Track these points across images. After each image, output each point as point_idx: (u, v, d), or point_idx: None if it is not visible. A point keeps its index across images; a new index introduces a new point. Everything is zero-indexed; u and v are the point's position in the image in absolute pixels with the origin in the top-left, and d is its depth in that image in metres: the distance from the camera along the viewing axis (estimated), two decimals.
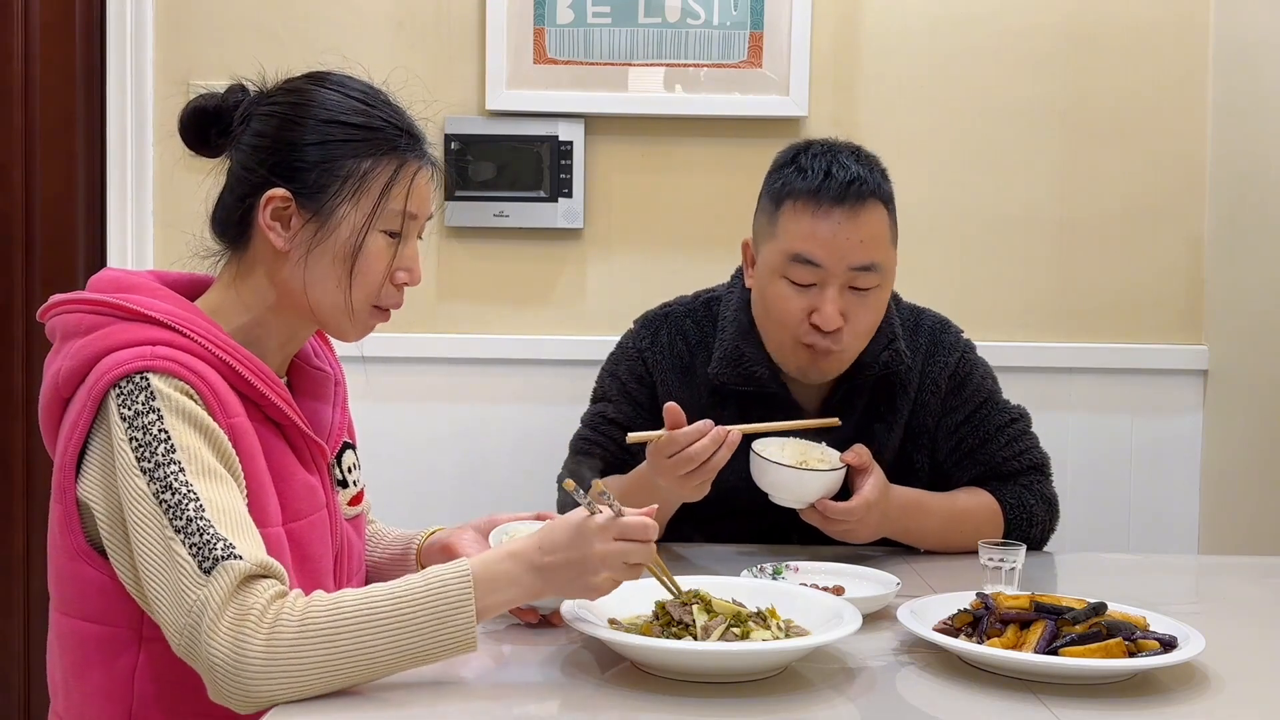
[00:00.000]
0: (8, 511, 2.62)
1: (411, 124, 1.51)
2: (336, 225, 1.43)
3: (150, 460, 1.28)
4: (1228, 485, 2.61)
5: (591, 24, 2.61)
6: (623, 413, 1.97)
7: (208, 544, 1.24)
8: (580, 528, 1.30)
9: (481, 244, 2.64)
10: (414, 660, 1.25)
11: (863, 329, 1.86)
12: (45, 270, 2.62)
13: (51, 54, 2.60)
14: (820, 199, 1.80)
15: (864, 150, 1.90)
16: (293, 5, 2.64)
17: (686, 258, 2.65)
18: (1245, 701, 1.30)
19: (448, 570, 1.27)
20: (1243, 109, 2.57)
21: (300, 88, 1.48)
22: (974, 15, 2.66)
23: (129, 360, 1.32)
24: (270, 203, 1.43)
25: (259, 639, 1.21)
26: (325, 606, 1.24)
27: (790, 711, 1.22)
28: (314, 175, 1.43)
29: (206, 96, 1.49)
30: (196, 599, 1.22)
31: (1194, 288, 2.70)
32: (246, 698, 1.22)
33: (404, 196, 1.46)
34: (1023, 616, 1.37)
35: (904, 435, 1.97)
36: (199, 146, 1.50)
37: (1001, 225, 2.69)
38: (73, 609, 1.39)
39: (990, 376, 2.03)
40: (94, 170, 2.63)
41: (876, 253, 1.82)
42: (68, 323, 1.39)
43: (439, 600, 1.25)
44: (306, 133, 1.44)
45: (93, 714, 1.38)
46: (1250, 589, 1.81)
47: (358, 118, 1.46)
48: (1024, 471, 1.96)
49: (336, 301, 1.45)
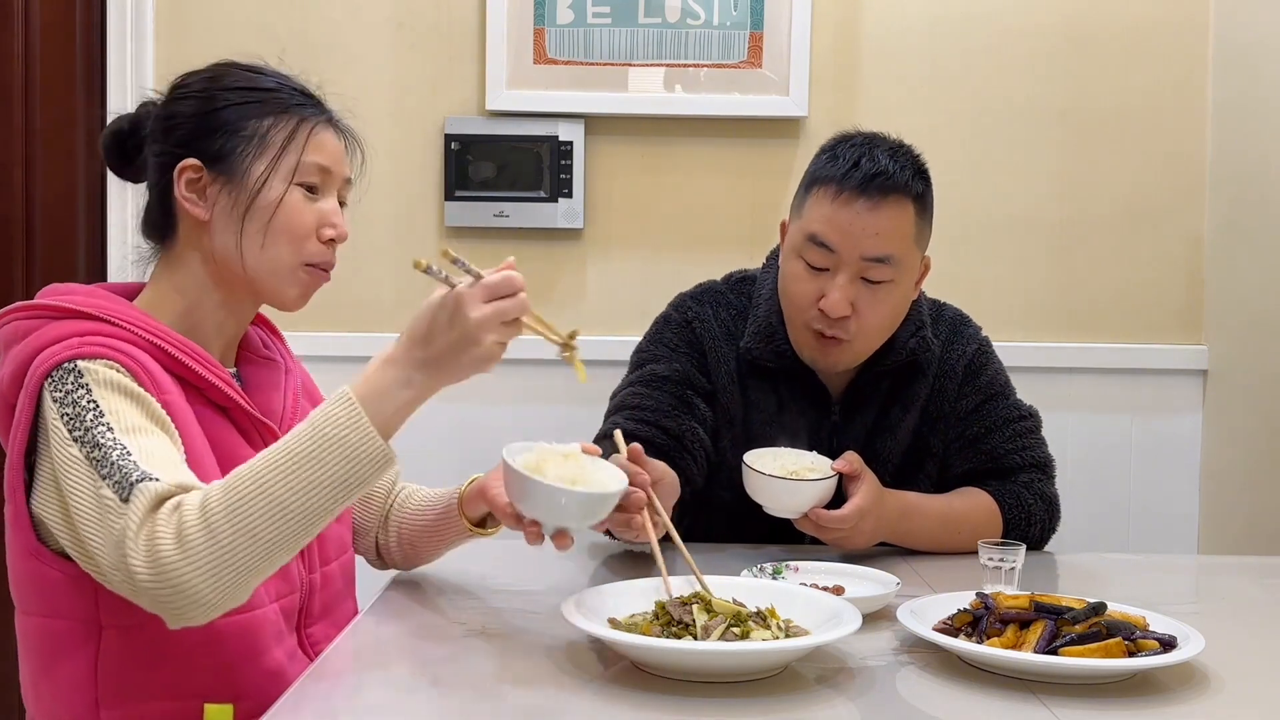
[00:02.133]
0: None
1: (307, 88, 1.55)
2: (249, 183, 1.46)
3: (80, 428, 1.29)
4: (1228, 485, 2.61)
5: (591, 24, 2.61)
6: (674, 369, 1.94)
7: (125, 475, 1.25)
8: (446, 304, 1.28)
9: (481, 244, 2.64)
10: (332, 494, 1.24)
11: (872, 325, 1.86)
12: (45, 270, 2.62)
13: (51, 54, 2.60)
14: (844, 186, 1.82)
15: (907, 148, 1.90)
16: (293, 5, 2.64)
17: (686, 258, 2.65)
18: (1245, 701, 1.30)
19: (329, 402, 1.28)
20: (1243, 109, 2.57)
21: (195, 71, 1.53)
22: (974, 15, 2.66)
23: (59, 352, 1.34)
24: (183, 174, 1.46)
25: (168, 538, 1.21)
26: (222, 484, 1.24)
27: (790, 711, 1.22)
28: (219, 140, 1.46)
29: (122, 118, 1.54)
30: (120, 527, 1.23)
31: (1194, 288, 2.70)
32: (187, 599, 1.21)
33: (301, 148, 1.48)
34: (1023, 616, 1.37)
35: (920, 419, 1.98)
36: (121, 168, 1.55)
37: (1001, 225, 2.69)
38: (31, 608, 1.40)
39: (1004, 374, 2.04)
40: (94, 170, 2.63)
41: (892, 246, 1.82)
42: (7, 333, 1.42)
43: (330, 430, 1.25)
44: (208, 104, 1.48)
45: (63, 709, 1.40)
46: (1250, 589, 1.81)
47: (253, 83, 1.51)
48: (1024, 468, 1.96)
49: (262, 260, 1.47)
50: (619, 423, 1.89)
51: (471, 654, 1.38)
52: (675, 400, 1.91)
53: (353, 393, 1.27)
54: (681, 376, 1.93)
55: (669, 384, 1.92)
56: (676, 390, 1.92)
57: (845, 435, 1.95)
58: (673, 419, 1.89)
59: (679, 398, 1.91)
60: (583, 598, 1.40)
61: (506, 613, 1.55)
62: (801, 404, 1.95)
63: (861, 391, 1.96)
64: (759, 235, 2.60)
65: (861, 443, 1.94)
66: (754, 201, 2.65)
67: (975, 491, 1.94)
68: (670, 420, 1.88)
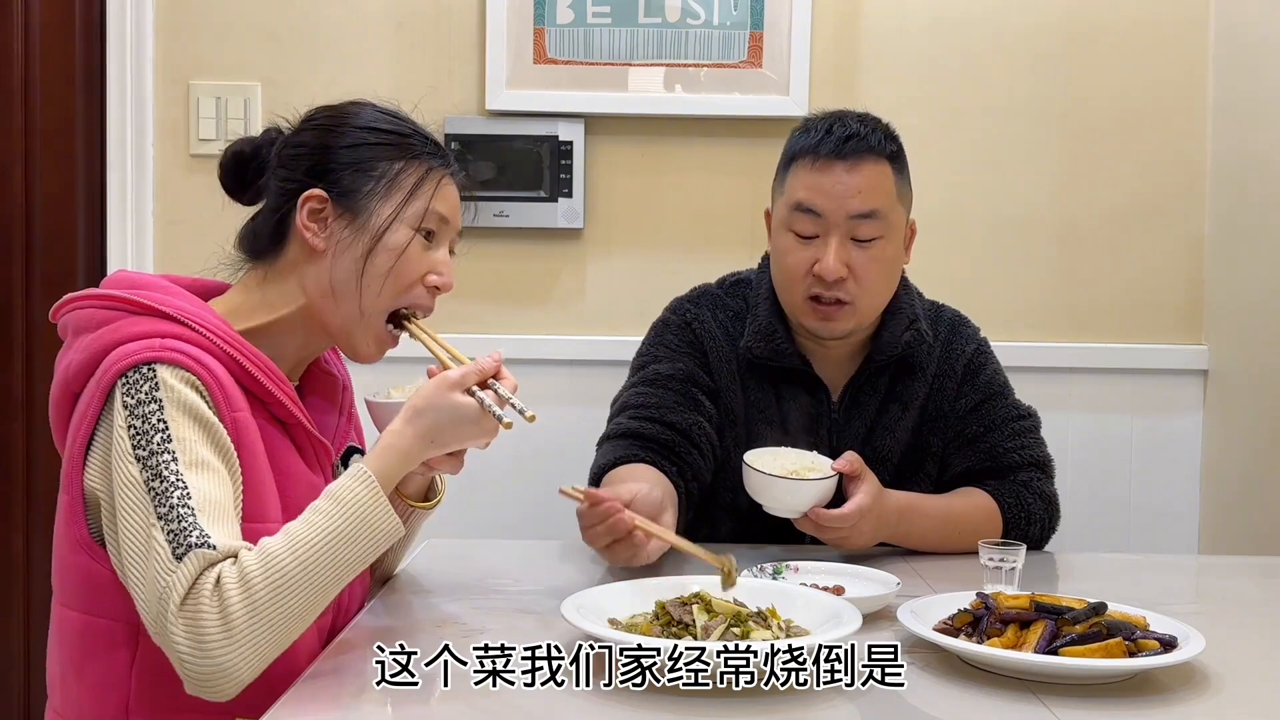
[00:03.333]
0: (8, 511, 2.62)
1: (437, 139, 1.58)
2: (368, 221, 1.48)
3: (145, 448, 1.29)
4: (1228, 485, 2.61)
5: (591, 24, 2.61)
6: (678, 368, 1.96)
7: (184, 531, 1.25)
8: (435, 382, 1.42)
9: (481, 244, 2.64)
10: (357, 568, 1.33)
11: (870, 282, 1.88)
12: (45, 270, 2.62)
13: (51, 54, 2.60)
14: (820, 152, 1.87)
15: (874, 117, 1.95)
16: (293, 5, 2.64)
17: (686, 258, 2.65)
18: (1245, 701, 1.30)
19: (352, 481, 1.34)
20: (1243, 109, 2.57)
21: (336, 105, 1.56)
22: (974, 15, 2.66)
23: (137, 351, 1.33)
24: (307, 203, 1.47)
25: (213, 619, 1.23)
26: (259, 560, 1.26)
27: (790, 711, 1.22)
28: (348, 175, 1.48)
29: (244, 141, 1.56)
30: (165, 585, 1.24)
31: (1194, 288, 2.70)
32: (226, 678, 1.24)
33: (430, 195, 1.52)
34: (1023, 616, 1.36)
35: (919, 418, 1.98)
36: (236, 191, 1.56)
37: (1002, 225, 2.69)
38: (73, 601, 1.40)
39: (1002, 374, 2.05)
40: (94, 170, 2.63)
41: (876, 200, 1.87)
42: (79, 318, 1.41)
43: (357, 511, 1.32)
44: (341, 138, 1.50)
45: (90, 708, 1.39)
46: (1250, 589, 1.81)
47: (390, 125, 1.53)
48: (1024, 466, 1.96)
49: (370, 303, 1.49)
50: (624, 423, 1.90)
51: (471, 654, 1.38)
52: (680, 397, 1.92)
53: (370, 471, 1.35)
54: (686, 374, 1.94)
55: (674, 382, 1.93)
56: (681, 388, 1.93)
57: (845, 434, 1.95)
58: (678, 414, 1.89)
59: (684, 394, 1.92)
60: (583, 598, 1.40)
61: (506, 613, 1.55)
62: (801, 403, 1.95)
63: (861, 390, 1.97)
64: (759, 235, 2.58)
65: (861, 441, 1.94)
66: (754, 201, 2.65)
67: (975, 491, 1.94)
68: (676, 415, 1.89)
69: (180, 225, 2.63)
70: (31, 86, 2.60)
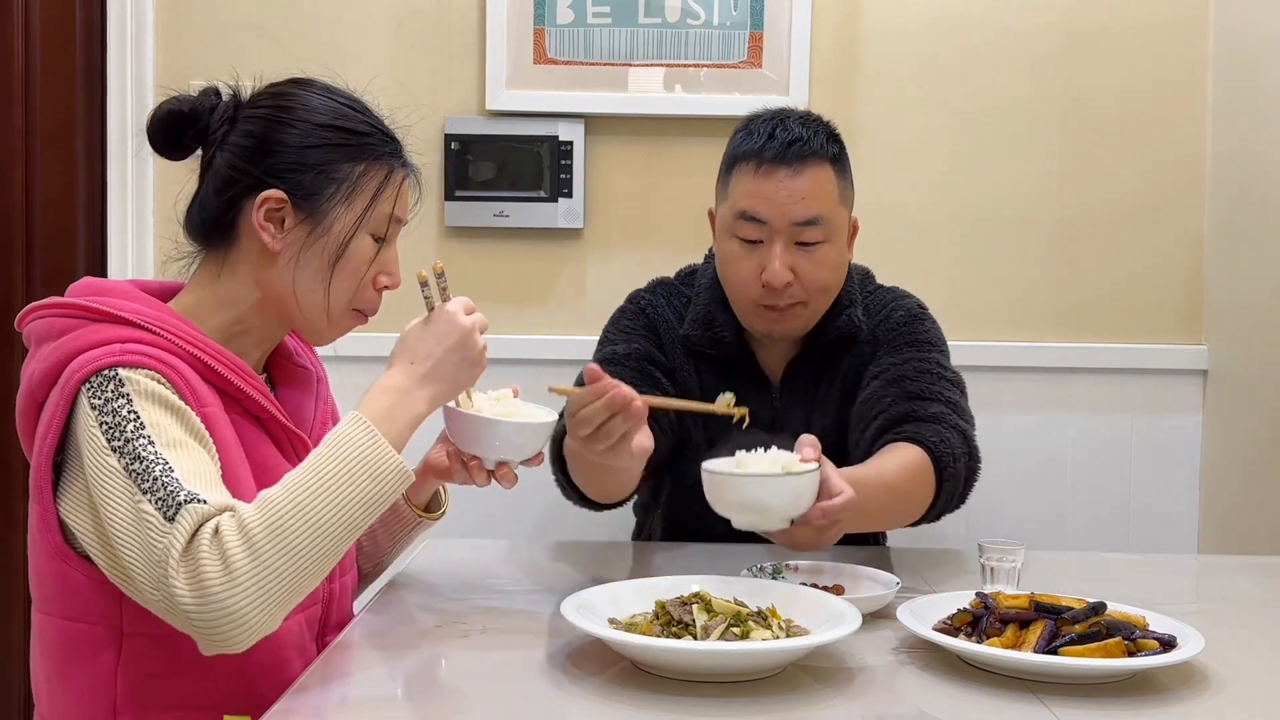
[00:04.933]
0: (8, 511, 2.62)
1: (393, 131, 1.54)
2: (329, 227, 1.46)
3: (120, 439, 1.28)
4: (1228, 485, 2.61)
5: (591, 24, 2.61)
6: (634, 348, 1.98)
7: (172, 494, 1.24)
8: (436, 321, 1.44)
9: (481, 244, 2.64)
10: (362, 511, 1.30)
11: (816, 284, 1.89)
12: (45, 270, 2.62)
13: (51, 54, 2.60)
14: (763, 157, 1.87)
15: (816, 116, 1.95)
16: (293, 5, 2.64)
17: (686, 257, 2.64)
18: (1245, 701, 1.30)
19: (344, 425, 1.33)
20: (1243, 109, 2.57)
21: (289, 91, 1.51)
22: (974, 15, 2.66)
23: (99, 358, 1.33)
24: (265, 204, 1.44)
25: (214, 565, 1.21)
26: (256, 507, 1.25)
27: (790, 711, 1.22)
28: (310, 177, 1.45)
29: (179, 99, 1.51)
30: (163, 546, 1.22)
31: (1194, 287, 2.70)
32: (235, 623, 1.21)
33: (393, 200, 1.51)
34: (1022, 616, 1.37)
35: (847, 388, 1.98)
36: (169, 149, 1.52)
37: (1001, 225, 2.69)
38: (53, 608, 1.39)
39: (936, 339, 1.99)
40: (94, 170, 2.63)
41: (818, 207, 1.86)
42: (40, 328, 1.40)
43: (352, 451, 1.31)
44: (302, 136, 1.46)
45: (77, 713, 1.39)
46: (1250, 589, 1.81)
47: (350, 123, 1.50)
48: (943, 403, 1.86)
49: (318, 302, 1.48)
50: None
51: (471, 654, 1.38)
52: (636, 374, 1.92)
53: (365, 418, 1.34)
54: (641, 353, 1.97)
55: (630, 359, 1.95)
56: (638, 365, 1.95)
57: (787, 418, 1.96)
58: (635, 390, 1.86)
59: (640, 371, 1.94)
60: (583, 598, 1.40)
61: (506, 613, 1.55)
62: (744, 391, 1.90)
63: (798, 374, 2.00)
64: None
65: (803, 425, 1.89)
66: None
67: (899, 446, 1.80)
68: None
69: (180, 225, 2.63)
70: (31, 86, 2.60)
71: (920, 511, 1.80)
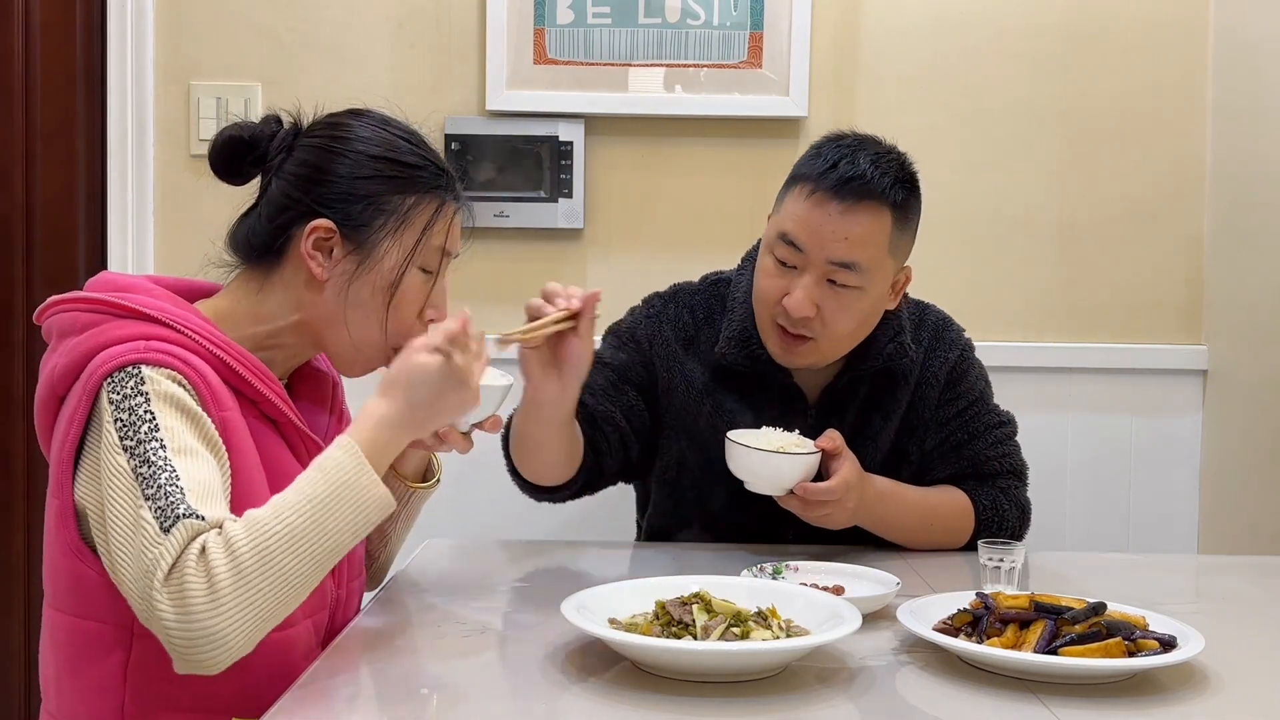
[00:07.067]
0: (8, 511, 2.62)
1: (449, 165, 1.55)
2: (379, 260, 1.47)
3: (133, 438, 1.28)
4: (1227, 485, 2.61)
5: (591, 24, 2.61)
6: (619, 359, 1.96)
7: (172, 505, 1.24)
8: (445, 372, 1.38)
9: (481, 244, 2.64)
10: (346, 537, 1.30)
11: (836, 329, 1.83)
12: (45, 271, 2.62)
13: (51, 54, 2.60)
14: (819, 186, 1.80)
15: (896, 156, 1.85)
16: (293, 5, 2.64)
17: (686, 258, 2.64)
18: (1245, 701, 1.30)
19: (336, 452, 1.32)
20: (1243, 109, 2.57)
21: (344, 122, 1.52)
22: (974, 15, 2.66)
23: (122, 354, 1.33)
24: (314, 233, 1.45)
25: (198, 585, 1.20)
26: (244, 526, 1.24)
27: (790, 711, 1.22)
28: (359, 209, 1.46)
29: (241, 125, 1.52)
30: (152, 557, 1.22)
31: (1194, 288, 2.70)
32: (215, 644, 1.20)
33: (444, 234, 1.51)
34: (1022, 616, 1.37)
35: (900, 426, 1.97)
36: (229, 175, 1.53)
37: (1001, 225, 2.69)
38: (65, 605, 1.39)
39: (985, 379, 2.03)
40: (94, 170, 2.63)
41: (861, 253, 1.79)
42: (63, 321, 1.40)
43: (341, 477, 1.30)
44: (354, 166, 1.47)
45: (85, 711, 1.39)
46: (1250, 589, 1.81)
47: (403, 155, 1.50)
48: (1003, 474, 1.96)
49: (374, 339, 1.49)
50: None
51: (471, 654, 1.39)
52: (607, 384, 1.92)
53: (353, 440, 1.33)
54: (622, 365, 1.95)
55: (608, 369, 1.94)
56: (612, 376, 1.93)
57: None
58: (595, 397, 1.89)
59: (612, 383, 1.93)
60: (583, 598, 1.40)
61: (506, 613, 1.55)
62: (776, 409, 1.92)
63: (838, 397, 1.94)
64: (759, 235, 2.59)
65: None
66: (754, 202, 2.65)
67: (952, 489, 1.94)
68: (592, 397, 1.88)
69: (180, 225, 2.63)
70: (31, 86, 2.60)
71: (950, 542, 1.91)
